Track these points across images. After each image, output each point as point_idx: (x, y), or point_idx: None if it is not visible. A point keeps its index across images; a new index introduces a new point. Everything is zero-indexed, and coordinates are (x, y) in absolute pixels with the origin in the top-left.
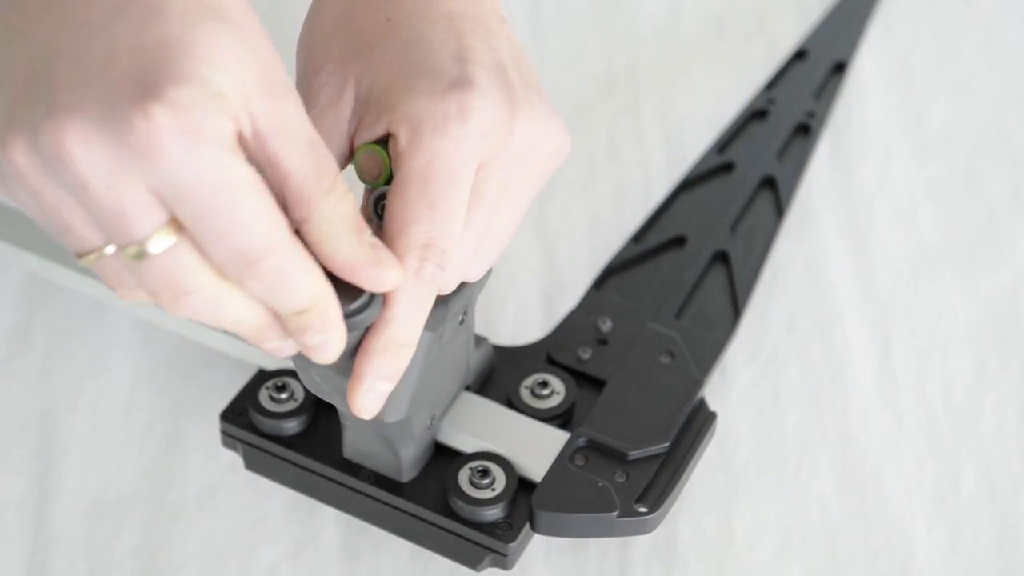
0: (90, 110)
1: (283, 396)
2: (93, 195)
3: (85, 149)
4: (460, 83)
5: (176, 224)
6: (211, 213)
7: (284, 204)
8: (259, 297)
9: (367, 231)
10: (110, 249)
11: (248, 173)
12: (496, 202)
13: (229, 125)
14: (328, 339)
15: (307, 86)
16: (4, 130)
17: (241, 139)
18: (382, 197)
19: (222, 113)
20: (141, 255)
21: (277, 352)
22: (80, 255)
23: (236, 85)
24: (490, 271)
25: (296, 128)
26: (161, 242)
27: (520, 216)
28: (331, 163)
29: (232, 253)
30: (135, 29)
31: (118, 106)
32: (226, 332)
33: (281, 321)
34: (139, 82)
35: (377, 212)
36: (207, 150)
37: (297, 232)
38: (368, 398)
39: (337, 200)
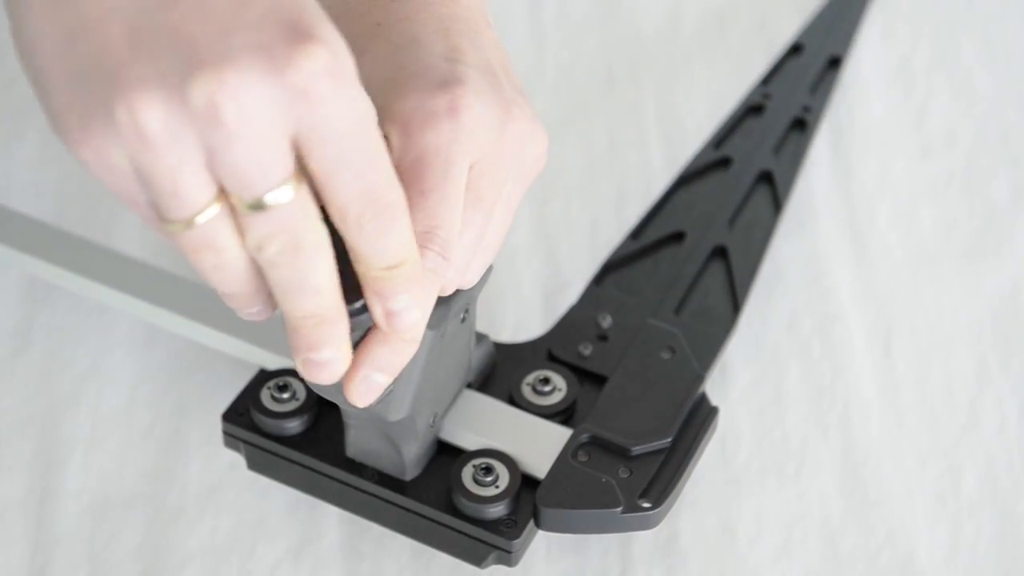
0: (245, 57)
1: (285, 396)
2: (239, 146)
3: (244, 97)
4: (450, 81)
5: (297, 173)
6: (351, 151)
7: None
8: (365, 245)
9: None
10: (212, 210)
11: (374, 110)
12: (490, 201)
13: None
14: (413, 303)
15: None
16: (123, 91)
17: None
18: None
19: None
20: (261, 205)
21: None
22: (171, 221)
23: None
24: (491, 269)
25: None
26: (288, 191)
27: (511, 218)
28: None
29: (362, 191)
30: None
31: (275, 50)
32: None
33: (371, 282)
34: (285, 25)
35: None
36: (354, 87)
37: None
38: (362, 388)
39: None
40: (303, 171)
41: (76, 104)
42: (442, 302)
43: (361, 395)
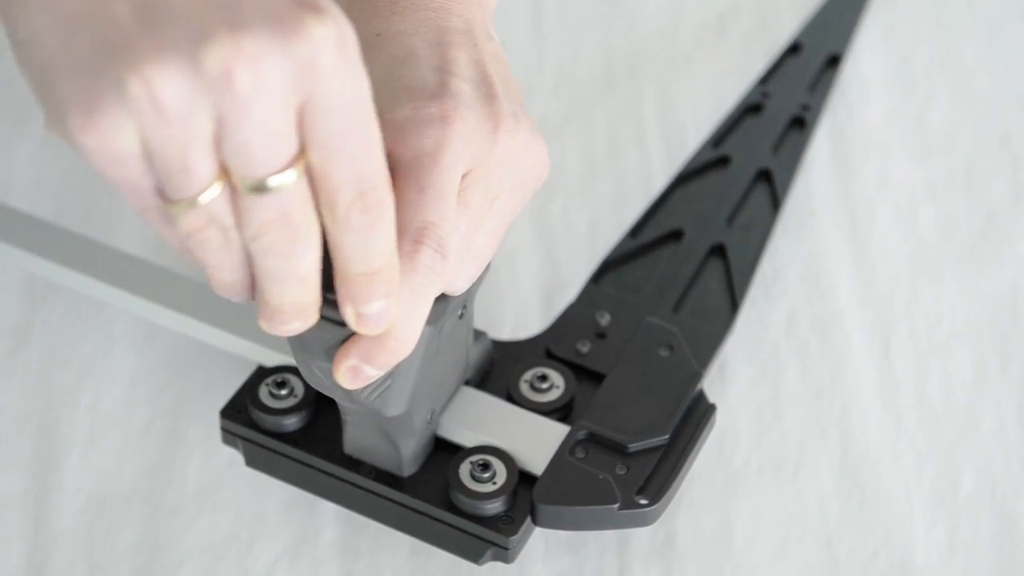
0: (257, 25)
1: (283, 392)
2: (251, 116)
3: (259, 64)
4: (441, 94)
5: (301, 157)
6: (350, 131)
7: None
8: (349, 242)
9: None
10: (211, 192)
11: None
12: (481, 211)
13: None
14: (387, 308)
15: None
16: (136, 65)
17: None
18: None
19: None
20: (263, 187)
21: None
22: (176, 201)
23: None
24: (488, 267)
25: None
26: (292, 173)
27: (503, 230)
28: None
29: (356, 177)
30: None
31: (285, 18)
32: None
33: (346, 284)
34: None
35: None
36: (358, 62)
37: None
38: (350, 375)
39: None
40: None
41: (81, 90)
42: (439, 299)
43: (349, 381)
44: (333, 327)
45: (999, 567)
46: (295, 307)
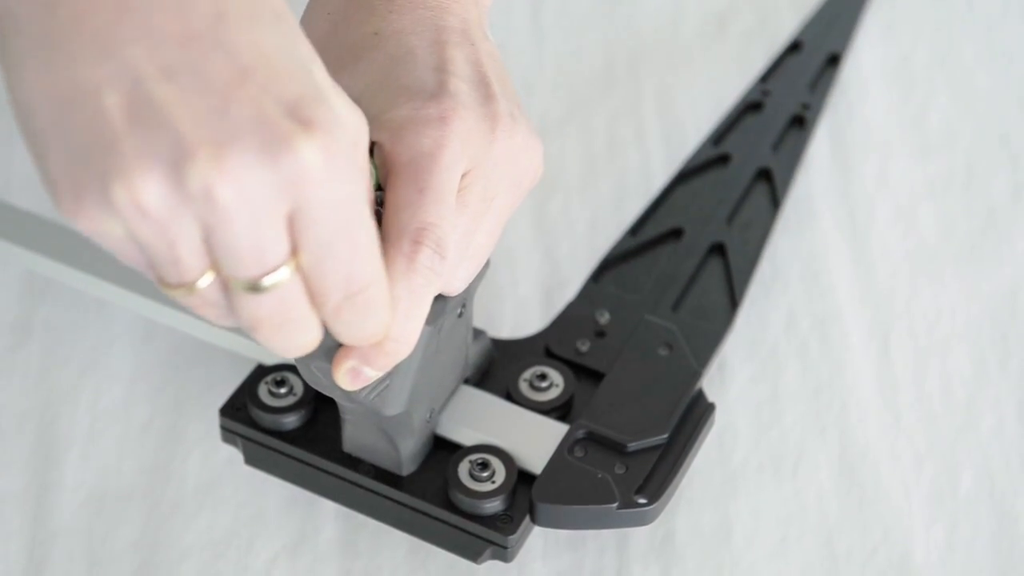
0: (243, 139)
1: (282, 391)
2: (235, 228)
3: (241, 181)
4: (440, 94)
5: (294, 255)
6: (339, 236)
7: None
8: (339, 328)
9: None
10: (206, 280)
11: (370, 198)
12: (479, 210)
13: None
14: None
15: None
16: (121, 169)
17: None
18: (377, 204)
19: (352, 134)
20: (256, 287)
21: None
22: (172, 286)
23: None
24: (488, 264)
25: None
26: (285, 271)
27: (500, 229)
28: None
29: (342, 282)
30: (249, 39)
31: (273, 132)
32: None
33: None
34: (284, 104)
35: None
36: (350, 170)
37: None
38: (349, 376)
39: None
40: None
41: (70, 175)
42: (438, 298)
43: (348, 382)
44: None
45: (998, 565)
46: (299, 352)
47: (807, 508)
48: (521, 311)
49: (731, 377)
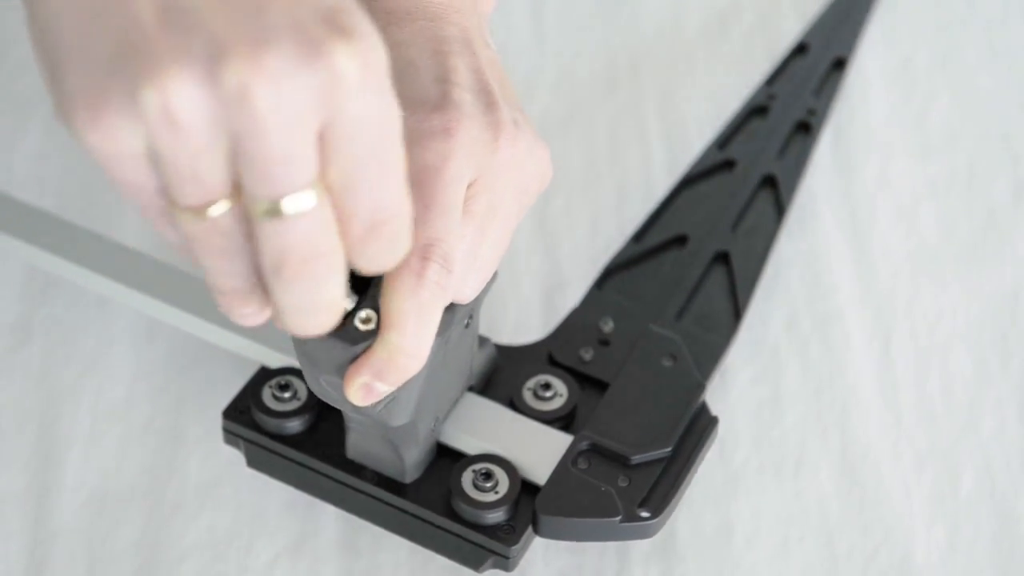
0: (282, 41)
1: (286, 395)
2: (268, 135)
3: (279, 82)
4: (443, 105)
5: (321, 180)
6: (371, 157)
7: None
8: (362, 262)
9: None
10: (221, 207)
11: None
12: (486, 220)
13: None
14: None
15: None
16: (153, 71)
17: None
18: None
19: (384, 52)
20: (278, 211)
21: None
22: (185, 209)
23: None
24: (495, 276)
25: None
26: (311, 196)
27: (508, 238)
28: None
29: (371, 207)
30: None
31: (312, 36)
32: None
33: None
34: (324, 12)
35: None
36: (386, 85)
37: None
38: (362, 392)
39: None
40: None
41: (93, 85)
42: (447, 309)
43: (360, 398)
44: (345, 346)
45: (999, 566)
46: (316, 327)
47: (808, 509)
48: (522, 313)
49: (732, 377)
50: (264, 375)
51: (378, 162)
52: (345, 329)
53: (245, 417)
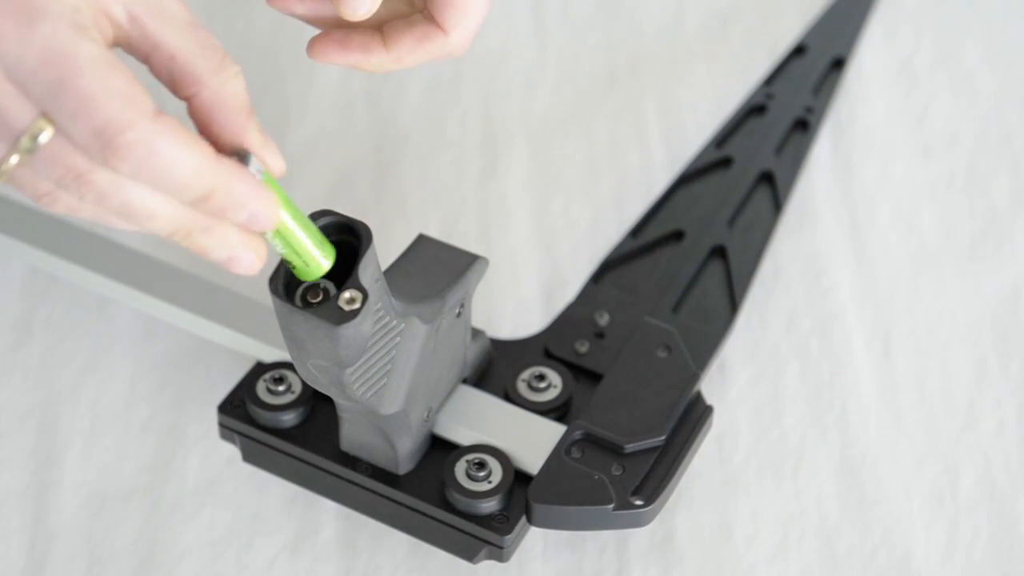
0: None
1: (281, 388)
2: None
3: None
4: None
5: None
6: (58, 90)
7: (175, 86)
8: (138, 181)
9: (255, 117)
10: (14, 159)
11: (94, 50)
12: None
13: (77, 4)
14: (251, 216)
15: None
16: None
17: (117, 26)
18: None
19: None
20: (32, 150)
21: (214, 255)
22: None
23: None
24: (487, 263)
25: (173, 11)
26: (42, 132)
27: None
28: (215, 44)
29: (87, 131)
30: None
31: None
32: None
33: (198, 217)
34: None
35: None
36: (43, 24)
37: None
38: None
39: (226, 79)
40: None
41: None
42: (437, 297)
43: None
44: (330, 326)
45: (998, 566)
46: (185, 235)
47: (807, 509)
48: (521, 311)
49: (731, 378)
50: (259, 370)
51: (70, 91)
52: (329, 309)
53: (240, 411)
